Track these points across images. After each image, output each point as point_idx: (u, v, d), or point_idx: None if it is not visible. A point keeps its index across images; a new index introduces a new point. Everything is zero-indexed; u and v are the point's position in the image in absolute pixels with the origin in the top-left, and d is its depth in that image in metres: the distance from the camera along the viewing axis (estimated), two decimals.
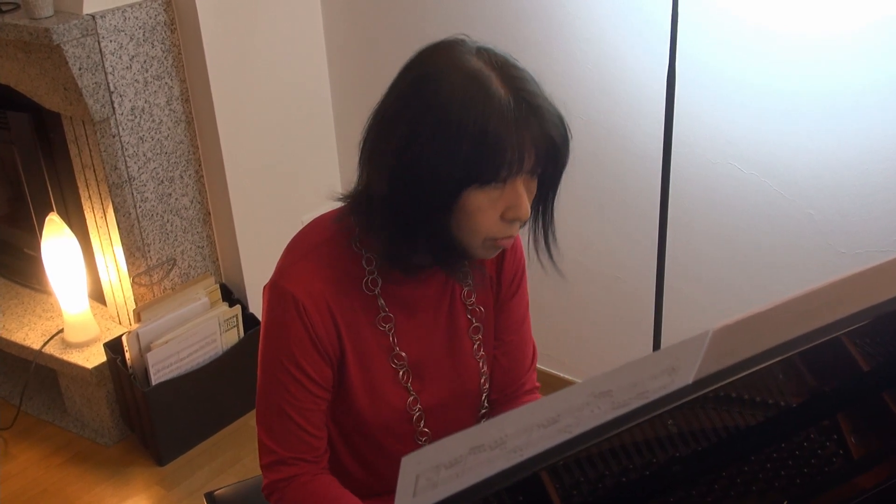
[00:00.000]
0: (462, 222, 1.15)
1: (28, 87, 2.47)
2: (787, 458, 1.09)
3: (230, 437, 2.69)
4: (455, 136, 1.09)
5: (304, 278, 1.23)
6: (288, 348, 1.24)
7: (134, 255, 2.58)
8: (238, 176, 2.65)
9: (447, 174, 1.10)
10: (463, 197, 1.12)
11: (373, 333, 1.28)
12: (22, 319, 2.80)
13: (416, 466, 0.61)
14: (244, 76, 2.59)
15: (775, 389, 1.09)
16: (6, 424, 2.76)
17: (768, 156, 2.09)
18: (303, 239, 1.29)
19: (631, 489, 0.99)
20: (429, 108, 1.11)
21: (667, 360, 0.68)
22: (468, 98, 1.08)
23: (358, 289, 1.26)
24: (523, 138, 1.09)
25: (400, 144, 1.13)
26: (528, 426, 0.63)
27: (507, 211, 1.15)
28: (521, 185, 1.14)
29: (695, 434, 1.05)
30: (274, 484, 1.30)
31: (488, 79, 1.10)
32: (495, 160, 1.09)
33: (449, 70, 1.11)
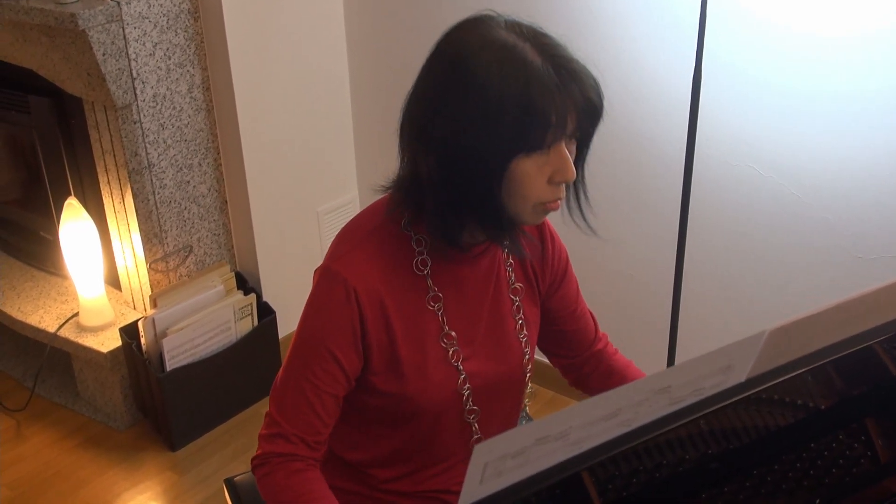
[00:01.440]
0: (512, 190, 1.18)
1: (50, 71, 2.48)
2: (815, 458, 1.10)
3: (243, 424, 2.71)
4: (499, 111, 1.11)
5: (358, 266, 1.25)
6: (327, 330, 1.26)
7: (151, 241, 2.59)
8: (256, 165, 2.66)
9: (495, 148, 1.14)
10: (511, 166, 1.15)
11: (423, 314, 1.31)
12: (37, 302, 2.81)
13: (487, 455, 0.63)
14: (265, 66, 2.60)
15: (805, 392, 1.11)
16: (20, 406, 2.77)
17: (787, 159, 2.11)
18: (356, 228, 1.31)
19: (664, 485, 1.01)
20: (469, 88, 1.13)
21: (724, 358, 0.70)
22: (506, 72, 1.11)
23: (409, 270, 1.29)
24: (565, 103, 1.13)
25: (446, 128, 1.16)
26: (591, 419, 0.65)
27: (555, 174, 1.18)
28: (564, 148, 1.17)
29: (726, 433, 1.07)
30: (267, 456, 1.31)
31: (522, 50, 1.12)
32: (541, 127, 1.12)
33: (482, 47, 1.14)
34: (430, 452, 1.42)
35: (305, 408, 1.28)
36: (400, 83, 3.04)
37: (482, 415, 1.39)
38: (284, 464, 1.30)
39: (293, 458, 1.30)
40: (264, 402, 2.79)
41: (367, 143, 2.94)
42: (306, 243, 2.90)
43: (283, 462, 1.30)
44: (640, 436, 0.70)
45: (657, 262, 2.39)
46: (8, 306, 2.80)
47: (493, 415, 1.42)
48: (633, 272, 2.47)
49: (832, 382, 1.12)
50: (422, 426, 1.37)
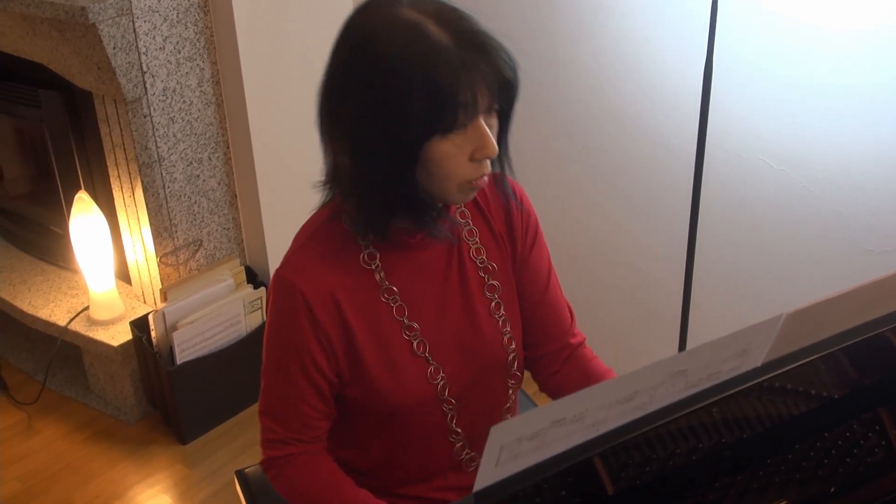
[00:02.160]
0: (432, 172, 1.14)
1: (60, 65, 2.49)
2: (829, 447, 1.10)
3: (252, 417, 2.71)
4: (405, 92, 1.08)
5: (304, 267, 1.24)
6: (290, 336, 1.25)
7: (161, 235, 2.60)
8: (265, 159, 2.66)
9: (406, 131, 1.10)
10: (426, 148, 1.12)
11: (378, 309, 1.28)
12: (48, 296, 2.82)
13: (503, 437, 0.63)
14: (275, 60, 2.60)
15: (818, 381, 1.11)
16: (30, 400, 2.78)
17: (798, 152, 2.10)
18: (303, 229, 1.30)
19: (677, 473, 1.01)
20: (373, 71, 1.10)
21: (741, 342, 0.70)
22: (409, 52, 1.07)
23: (357, 266, 1.26)
24: (473, 79, 1.08)
25: (354, 113, 1.14)
26: (607, 402, 0.65)
27: (476, 151, 1.14)
28: (483, 124, 1.13)
29: (739, 422, 1.07)
30: (272, 460, 1.32)
31: (425, 27, 1.08)
32: (450, 107, 1.08)
33: (384, 27, 1.10)
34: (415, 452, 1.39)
35: (293, 410, 1.29)
36: None
37: (461, 404, 1.35)
38: (289, 462, 1.31)
39: (295, 456, 1.31)
40: None
41: None
42: None
43: (286, 462, 1.31)
44: (655, 420, 0.70)
45: (668, 255, 2.39)
46: (19, 300, 2.80)
47: (474, 403, 1.37)
48: (644, 265, 2.46)
49: (845, 371, 1.11)
50: (404, 426, 1.35)
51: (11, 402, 2.79)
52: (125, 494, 2.46)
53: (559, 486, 0.96)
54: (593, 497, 0.95)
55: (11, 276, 2.93)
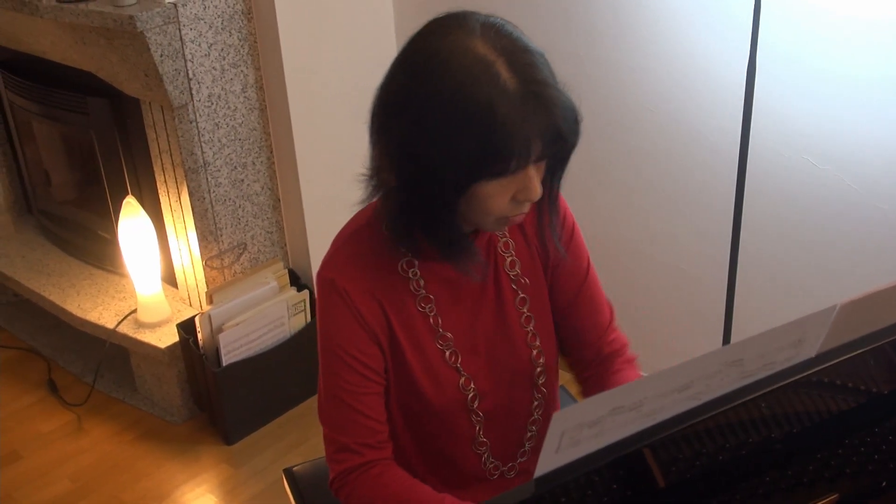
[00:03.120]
0: (473, 206, 1.15)
1: (108, 73, 2.54)
2: (880, 442, 1.10)
3: (296, 419, 2.75)
4: (461, 131, 1.06)
5: (344, 266, 1.25)
6: (337, 336, 1.26)
7: (207, 238, 2.64)
8: (308, 164, 2.70)
9: (455, 169, 1.09)
10: (472, 188, 1.11)
11: (418, 315, 1.28)
12: (96, 300, 2.87)
13: (564, 423, 0.64)
14: (317, 65, 2.64)
15: (868, 375, 1.11)
16: (79, 401, 2.84)
17: (842, 150, 2.09)
18: (343, 229, 1.31)
19: (727, 467, 1.02)
20: (433, 100, 1.08)
21: (796, 332, 0.71)
22: (475, 92, 1.05)
23: (395, 272, 1.26)
24: (531, 131, 1.07)
25: (405, 133, 1.12)
26: (664, 391, 0.66)
27: (519, 193, 1.14)
28: (532, 170, 1.13)
29: (788, 416, 1.08)
30: (342, 476, 1.30)
31: (495, 67, 1.05)
32: (504, 156, 1.07)
33: (454, 57, 1.07)
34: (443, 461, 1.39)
35: (354, 415, 1.28)
36: None
37: (489, 416, 1.35)
38: (362, 475, 1.28)
39: (368, 465, 1.29)
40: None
41: None
42: None
43: (360, 474, 1.28)
44: (710, 409, 0.71)
45: (710, 255, 2.39)
46: (68, 303, 2.86)
47: (501, 415, 1.37)
48: (686, 266, 2.46)
49: (894, 366, 1.11)
50: (435, 433, 1.35)
51: (61, 403, 2.85)
52: (172, 493, 2.50)
53: (611, 479, 0.97)
54: (644, 490, 0.97)
55: (60, 280, 2.99)
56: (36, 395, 2.90)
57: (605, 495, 0.98)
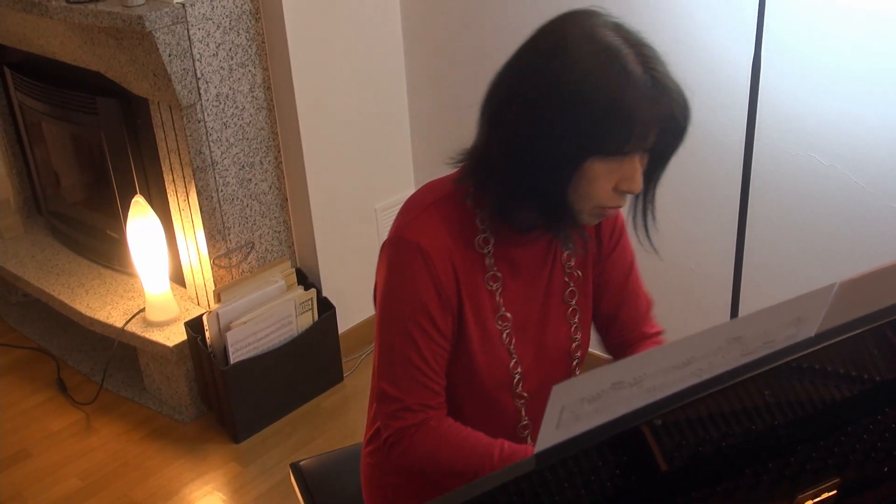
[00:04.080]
0: (578, 188, 1.19)
1: (117, 73, 2.56)
2: (883, 430, 1.10)
3: (304, 417, 2.76)
4: (588, 108, 1.12)
5: (427, 230, 1.27)
6: (415, 298, 1.27)
7: (214, 237, 2.65)
8: (315, 163, 2.71)
9: (575, 142, 1.15)
10: (585, 165, 1.16)
11: (484, 291, 1.32)
12: (105, 299, 2.89)
13: (565, 397, 0.65)
14: (324, 66, 2.65)
15: (871, 361, 1.11)
16: (88, 400, 2.85)
17: (848, 147, 2.09)
18: (421, 197, 1.33)
19: (731, 454, 1.02)
20: (561, 77, 1.14)
21: (795, 309, 0.71)
22: (606, 72, 1.12)
23: (471, 246, 1.30)
24: (653, 115, 1.14)
25: (527, 111, 1.16)
26: (665, 367, 0.67)
27: (621, 182, 1.19)
28: (638, 160, 1.19)
29: (791, 404, 1.08)
30: (400, 432, 1.31)
31: (625, 55, 1.13)
32: (625, 134, 1.13)
33: (584, 42, 1.14)
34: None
35: (419, 376, 1.30)
36: (455, 81, 3.07)
37: (531, 399, 1.38)
38: (420, 430, 1.30)
39: (425, 423, 1.30)
40: (326, 395, 2.84)
41: (423, 141, 2.98)
42: (365, 240, 2.94)
43: (417, 430, 1.30)
44: (711, 386, 0.72)
45: (717, 253, 2.39)
46: (77, 303, 2.88)
47: (542, 401, 1.40)
48: (693, 264, 2.47)
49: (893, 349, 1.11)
50: (478, 406, 1.37)
51: (70, 403, 2.87)
52: (181, 491, 2.51)
53: (615, 464, 0.98)
54: (648, 475, 0.97)
55: (70, 279, 3.01)
56: (45, 395, 2.92)
57: (609, 480, 0.98)
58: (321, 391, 2.84)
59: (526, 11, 2.49)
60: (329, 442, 2.64)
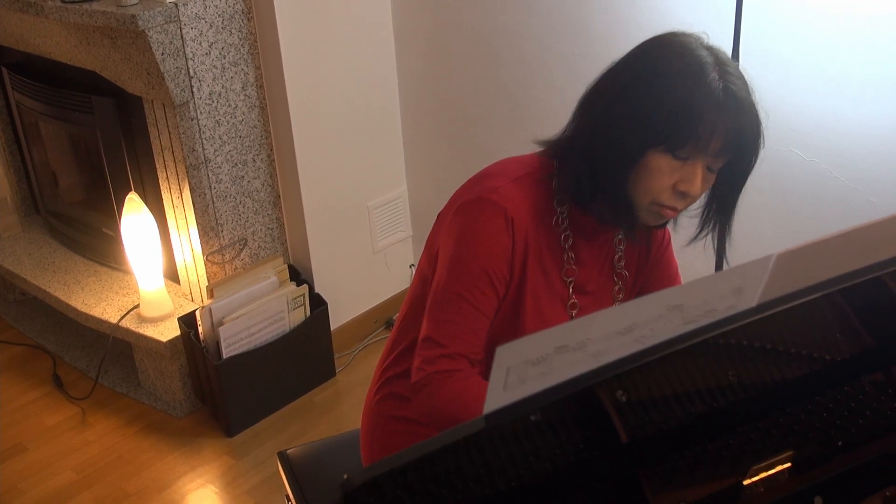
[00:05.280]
0: (640, 178, 1.28)
1: (112, 72, 2.60)
2: (838, 405, 1.13)
3: (296, 412, 2.79)
4: (660, 100, 1.23)
5: (513, 198, 1.34)
6: (487, 255, 1.33)
7: (208, 234, 2.69)
8: (308, 161, 2.75)
9: (643, 132, 1.25)
10: (648, 155, 1.26)
11: (556, 270, 1.40)
12: (100, 295, 2.93)
13: (509, 358, 0.68)
14: (316, 64, 2.69)
15: (821, 342, 1.14)
16: (84, 395, 2.89)
17: (830, 142, 2.12)
18: (504, 169, 1.40)
19: (683, 426, 1.05)
20: (647, 74, 1.26)
21: (734, 279, 0.74)
22: (684, 72, 1.23)
23: (549, 225, 1.38)
24: (718, 120, 1.22)
25: (612, 100, 1.28)
26: (607, 332, 0.70)
27: (680, 182, 1.28)
28: (700, 166, 1.27)
29: (755, 386, 1.11)
30: (431, 376, 1.34)
31: (707, 64, 1.24)
32: (688, 131, 1.22)
33: (676, 48, 1.27)
34: None
35: (467, 328, 1.34)
36: (446, 80, 3.10)
37: None
38: (450, 377, 1.34)
39: (457, 372, 1.34)
40: (318, 390, 2.87)
41: (415, 140, 3.01)
42: (357, 237, 2.98)
43: (448, 376, 1.34)
44: (655, 353, 0.75)
45: (698, 246, 2.41)
46: (73, 299, 2.92)
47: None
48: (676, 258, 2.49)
49: (859, 335, 1.15)
50: None
51: (66, 398, 2.90)
52: (174, 484, 2.55)
53: (579, 438, 1.01)
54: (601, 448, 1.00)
55: (66, 276, 3.05)
56: (42, 390, 2.96)
57: (573, 455, 1.02)
58: (313, 386, 2.87)
59: (516, 11, 2.53)
60: (321, 436, 2.66)
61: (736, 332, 0.98)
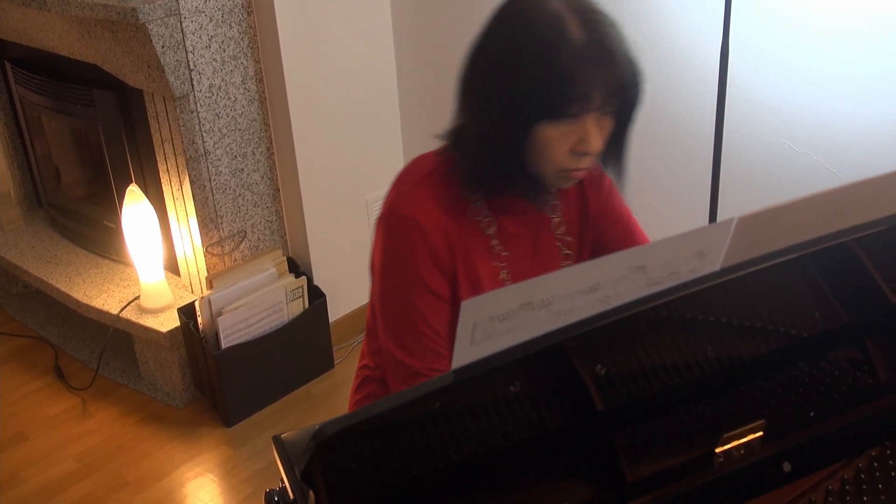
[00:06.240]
0: (536, 152, 1.25)
1: (113, 65, 2.63)
2: (818, 385, 1.16)
3: (294, 403, 2.82)
4: (529, 71, 1.19)
5: (420, 203, 1.33)
6: (415, 270, 1.33)
7: (207, 226, 2.72)
8: (307, 154, 2.77)
9: (522, 107, 1.21)
10: (536, 129, 1.22)
11: (483, 258, 1.37)
12: (101, 287, 2.96)
13: (474, 313, 0.70)
14: (315, 59, 2.72)
15: (808, 321, 1.17)
16: (84, 386, 2.92)
17: (821, 134, 2.14)
18: (411, 171, 1.39)
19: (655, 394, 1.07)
20: (508, 44, 1.22)
21: (696, 242, 0.77)
22: (544, 37, 1.18)
23: (465, 215, 1.36)
24: (591, 77, 1.18)
25: (484, 78, 1.25)
26: (571, 291, 0.72)
27: (577, 144, 1.24)
28: (592, 121, 1.22)
29: (732, 361, 1.14)
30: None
31: (565, 20, 1.18)
32: (564, 97, 1.18)
33: (530, 9, 1.21)
34: None
35: (428, 342, 1.35)
36: (445, 73, 3.12)
37: None
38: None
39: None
40: (316, 381, 2.90)
41: (414, 133, 3.04)
42: (356, 230, 3.00)
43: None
44: (620, 313, 0.77)
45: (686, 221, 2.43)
46: (74, 291, 2.95)
47: None
48: None
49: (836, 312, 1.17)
50: None
51: (67, 388, 2.93)
52: (173, 472, 2.58)
53: (556, 405, 1.04)
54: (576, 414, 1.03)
55: (68, 269, 3.08)
56: (43, 381, 2.99)
57: (551, 426, 1.04)
58: (312, 377, 2.90)
59: None
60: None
61: (711, 307, 1.00)
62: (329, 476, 0.81)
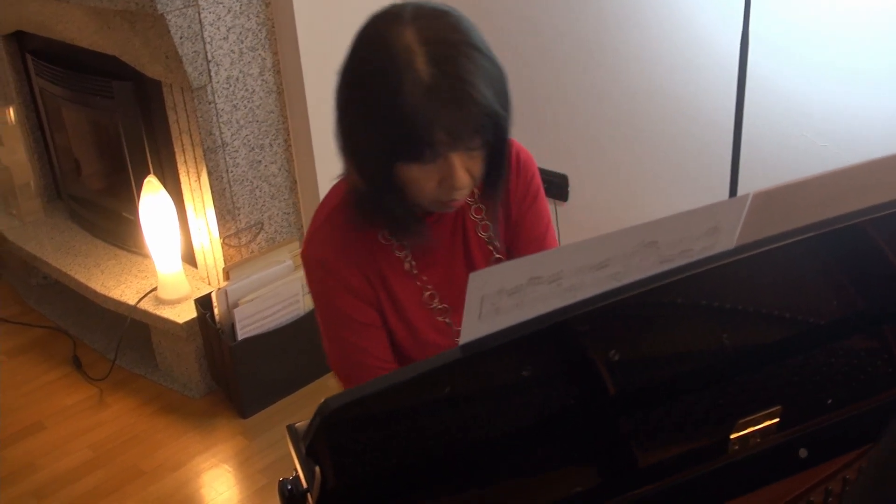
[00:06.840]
0: (405, 187, 1.19)
1: (132, 56, 2.64)
2: (835, 373, 1.14)
3: (310, 395, 2.82)
4: (374, 113, 1.13)
5: (327, 241, 1.31)
6: (337, 308, 1.32)
7: (224, 217, 2.72)
8: (324, 147, 2.77)
9: (375, 152, 1.16)
10: (397, 169, 1.16)
11: (401, 282, 1.34)
12: (119, 278, 2.97)
13: (482, 286, 0.69)
14: (332, 51, 2.69)
15: (826, 311, 1.15)
16: (101, 376, 2.93)
17: (843, 128, 2.12)
18: (323, 205, 1.37)
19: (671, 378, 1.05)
20: (354, 81, 1.16)
21: (710, 217, 0.75)
22: (386, 78, 1.09)
23: (377, 241, 1.32)
24: (437, 119, 1.08)
25: (339, 116, 1.21)
26: (581, 265, 0.71)
27: (443, 181, 1.16)
28: (456, 158, 1.14)
29: (748, 348, 1.12)
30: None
31: (411, 58, 1.09)
32: (412, 142, 1.10)
33: (377, 42, 1.14)
34: None
35: (375, 371, 1.34)
36: None
37: None
38: None
39: None
40: (331, 374, 2.89)
41: None
42: None
43: None
44: (630, 290, 0.76)
45: None
46: (93, 282, 2.96)
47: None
48: None
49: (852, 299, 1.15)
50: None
51: (84, 379, 2.95)
52: (188, 463, 2.58)
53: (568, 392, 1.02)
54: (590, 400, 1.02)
55: (86, 260, 3.10)
56: (61, 371, 3.00)
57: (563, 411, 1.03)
58: (327, 370, 2.89)
59: (533, 6, 2.55)
60: None
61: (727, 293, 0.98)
62: (334, 451, 0.80)
